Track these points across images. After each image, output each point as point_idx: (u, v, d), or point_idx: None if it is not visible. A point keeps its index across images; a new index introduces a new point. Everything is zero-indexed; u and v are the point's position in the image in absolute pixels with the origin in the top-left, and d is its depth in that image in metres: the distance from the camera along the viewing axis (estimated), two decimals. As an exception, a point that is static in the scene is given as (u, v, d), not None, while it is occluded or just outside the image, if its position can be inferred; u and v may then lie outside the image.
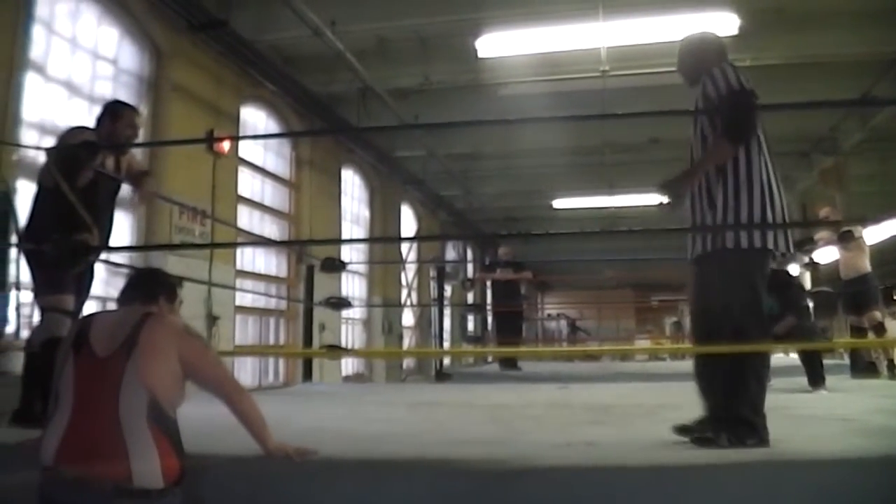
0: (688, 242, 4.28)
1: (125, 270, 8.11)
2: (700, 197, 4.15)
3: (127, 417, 2.90)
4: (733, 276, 3.98)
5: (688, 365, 14.19)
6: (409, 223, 19.19)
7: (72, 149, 4.76)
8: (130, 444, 2.86)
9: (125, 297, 3.48)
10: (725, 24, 9.19)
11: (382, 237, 17.65)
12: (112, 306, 8.34)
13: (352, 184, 15.97)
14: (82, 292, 5.07)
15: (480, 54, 10.20)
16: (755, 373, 3.97)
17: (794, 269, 14.80)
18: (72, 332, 3.31)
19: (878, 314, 9.39)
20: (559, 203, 19.56)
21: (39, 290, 4.88)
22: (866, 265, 9.48)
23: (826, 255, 10.61)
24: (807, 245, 9.94)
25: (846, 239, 9.11)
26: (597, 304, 26.65)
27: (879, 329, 9.32)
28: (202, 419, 3.71)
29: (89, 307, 5.29)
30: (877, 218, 9.17)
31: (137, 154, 6.52)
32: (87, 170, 4.78)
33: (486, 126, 13.32)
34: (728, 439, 3.78)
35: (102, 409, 2.94)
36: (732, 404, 3.89)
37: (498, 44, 9.96)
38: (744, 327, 3.94)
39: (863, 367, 9.49)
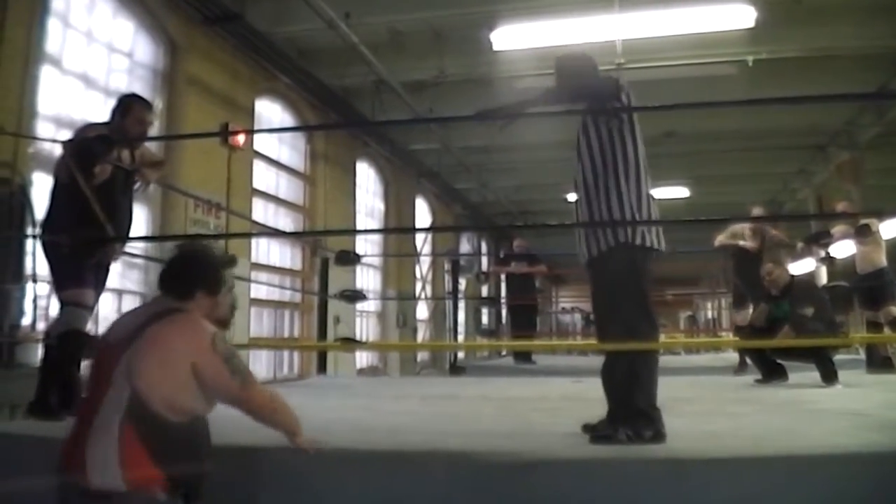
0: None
1: (140, 262, 8.19)
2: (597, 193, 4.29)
3: (103, 413, 2.77)
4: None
5: (704, 359, 14.17)
6: (423, 216, 19.19)
7: (87, 143, 4.78)
8: (91, 442, 2.73)
9: (161, 286, 3.20)
10: (742, 16, 9.15)
11: (396, 228, 17.66)
12: (126, 299, 8.41)
13: (366, 177, 15.98)
14: (98, 286, 5.09)
15: (496, 47, 10.18)
16: (646, 365, 4.05)
17: (808, 264, 14.76)
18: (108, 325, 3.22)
19: (894, 309, 9.32)
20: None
21: (59, 283, 4.90)
22: (882, 259, 9.41)
23: (842, 249, 10.55)
24: (823, 239, 9.90)
25: (863, 233, 9.06)
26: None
27: (895, 324, 9.27)
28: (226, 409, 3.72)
29: (104, 300, 5.31)
30: (894, 211, 9.11)
31: (153, 146, 6.54)
32: (103, 164, 4.79)
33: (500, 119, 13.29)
34: (627, 434, 3.79)
35: (93, 402, 2.85)
36: (629, 397, 3.94)
37: (513, 36, 9.93)
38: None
39: (878, 362, 9.43)
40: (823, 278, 14.55)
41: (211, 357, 2.96)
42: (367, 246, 15.43)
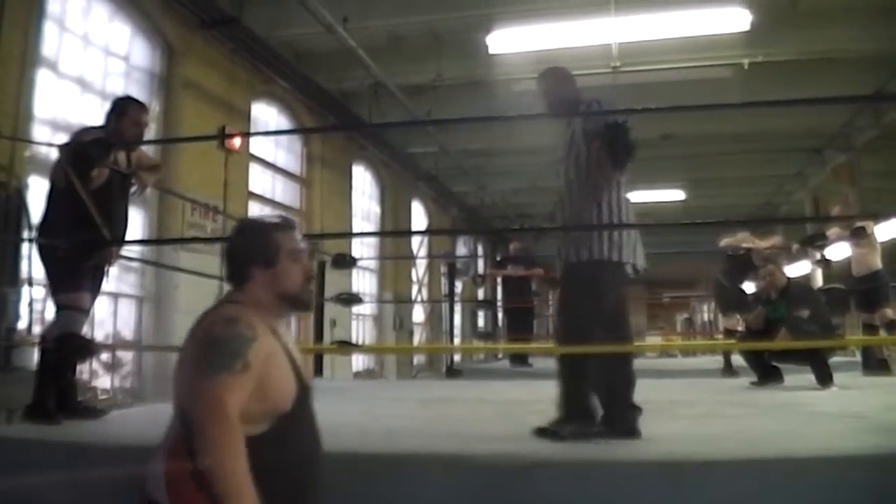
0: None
1: (136, 265, 8.19)
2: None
3: (170, 421, 2.51)
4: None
5: (699, 361, 14.16)
6: (419, 220, 19.19)
7: (83, 146, 4.78)
8: (156, 450, 2.47)
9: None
10: (737, 20, 9.17)
11: (393, 231, 17.67)
12: (123, 302, 8.40)
13: (363, 180, 15.98)
14: (94, 289, 5.09)
15: (492, 50, 10.19)
16: (593, 369, 4.27)
17: (804, 266, 14.79)
18: None
19: (889, 311, 9.34)
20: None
21: (56, 287, 4.90)
22: (877, 262, 9.43)
23: (838, 251, 10.58)
24: (818, 241, 9.92)
25: (858, 235, 9.08)
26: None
27: (891, 326, 9.28)
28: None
29: (100, 304, 5.31)
30: (889, 214, 9.14)
31: (149, 150, 6.55)
32: (99, 168, 4.79)
33: (498, 122, 13.34)
34: (571, 432, 4.04)
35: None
36: (578, 397, 4.21)
37: (509, 40, 9.95)
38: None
39: (874, 364, 9.45)
40: (819, 280, 14.58)
41: (195, 341, 2.47)
42: (364, 249, 15.42)
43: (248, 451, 2.29)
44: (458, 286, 17.67)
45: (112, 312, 8.22)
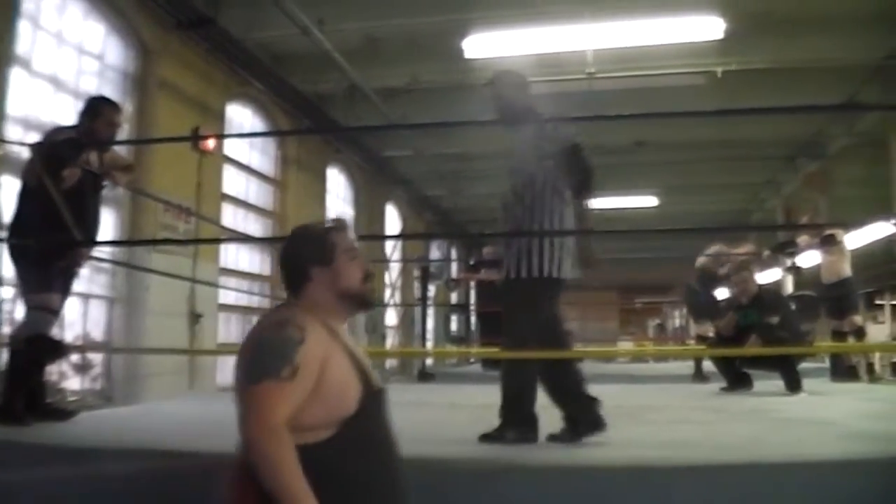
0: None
1: (107, 266, 8.13)
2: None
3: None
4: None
5: (671, 367, 14.24)
6: (394, 223, 19.15)
7: (56, 147, 4.75)
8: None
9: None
10: (711, 27, 9.23)
11: (368, 235, 17.63)
12: (93, 303, 8.33)
13: (337, 183, 15.93)
14: (64, 290, 5.06)
15: (467, 55, 10.19)
16: (533, 377, 4.51)
17: (775, 273, 14.91)
18: None
19: (858, 319, 9.45)
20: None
21: (27, 288, 4.87)
22: (847, 269, 9.53)
23: (809, 259, 10.68)
24: (789, 248, 10.02)
25: (828, 243, 9.18)
26: (580, 305, 26.59)
27: (859, 333, 9.38)
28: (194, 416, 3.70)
29: (70, 305, 5.26)
30: (858, 222, 9.24)
31: (122, 149, 6.50)
32: (72, 168, 4.76)
33: (473, 126, 13.34)
34: (514, 436, 4.21)
35: None
36: (520, 403, 4.42)
37: (485, 45, 9.96)
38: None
39: (843, 371, 9.55)
40: (790, 287, 14.70)
41: (246, 345, 2.52)
42: (337, 252, 15.32)
43: (314, 458, 2.26)
44: (432, 290, 17.67)
45: (82, 313, 8.15)
